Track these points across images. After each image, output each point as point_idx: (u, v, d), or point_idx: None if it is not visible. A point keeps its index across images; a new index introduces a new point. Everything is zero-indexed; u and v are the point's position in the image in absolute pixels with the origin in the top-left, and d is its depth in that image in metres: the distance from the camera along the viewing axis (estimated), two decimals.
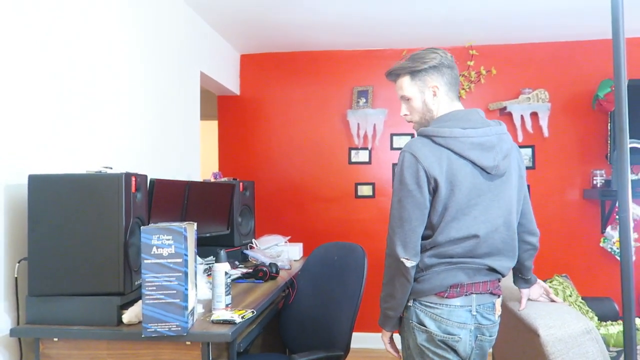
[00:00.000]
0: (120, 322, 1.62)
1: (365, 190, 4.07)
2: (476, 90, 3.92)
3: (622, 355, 1.76)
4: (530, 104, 3.77)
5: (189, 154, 3.18)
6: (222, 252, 1.82)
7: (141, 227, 1.51)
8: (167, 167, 2.82)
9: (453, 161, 1.55)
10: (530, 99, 3.79)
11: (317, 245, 2.62)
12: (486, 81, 3.90)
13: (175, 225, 1.53)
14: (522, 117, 3.79)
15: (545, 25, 3.50)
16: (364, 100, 3.96)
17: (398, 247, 1.56)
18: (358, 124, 3.95)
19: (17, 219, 1.71)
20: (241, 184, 3.02)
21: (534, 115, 3.80)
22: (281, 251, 2.92)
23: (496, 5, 3.11)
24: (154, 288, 1.51)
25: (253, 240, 3.04)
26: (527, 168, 3.86)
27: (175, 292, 1.51)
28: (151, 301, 1.50)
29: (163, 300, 1.51)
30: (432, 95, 1.67)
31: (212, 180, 3.04)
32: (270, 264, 2.42)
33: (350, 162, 4.08)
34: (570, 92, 3.83)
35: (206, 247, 2.71)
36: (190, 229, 1.62)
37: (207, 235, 2.65)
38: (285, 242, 3.03)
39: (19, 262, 1.68)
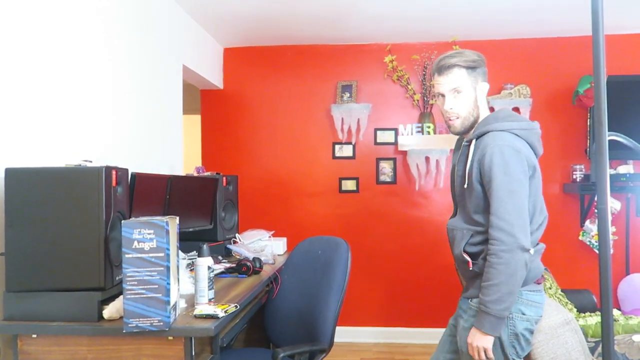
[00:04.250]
0: (101, 317, 1.60)
1: (349, 184, 4.07)
2: None
3: (600, 346, 1.79)
4: (512, 99, 3.81)
5: (172, 148, 3.15)
6: (205, 247, 1.80)
7: (122, 221, 1.49)
8: (149, 161, 2.79)
9: (530, 151, 1.68)
10: (512, 94, 3.82)
11: (301, 240, 2.61)
12: None
13: (157, 219, 1.51)
14: None
15: (528, 22, 3.53)
16: (348, 95, 3.95)
17: (522, 238, 1.57)
18: (342, 119, 3.95)
19: None
20: (224, 178, 2.99)
21: (516, 110, 3.83)
22: (265, 246, 2.91)
23: (480, 1, 3.12)
24: (135, 282, 1.49)
25: (236, 235, 3.02)
26: None
27: (157, 286, 1.49)
28: (132, 296, 1.49)
29: (144, 295, 1.49)
30: (482, 94, 1.78)
31: (195, 174, 3.01)
32: (253, 258, 2.41)
33: (334, 157, 4.08)
34: (551, 88, 3.87)
35: (189, 242, 2.68)
36: (173, 223, 1.61)
37: (190, 229, 2.63)
38: (269, 236, 3.02)
39: None
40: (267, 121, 4.12)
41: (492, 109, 2.15)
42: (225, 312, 1.65)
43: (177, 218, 1.67)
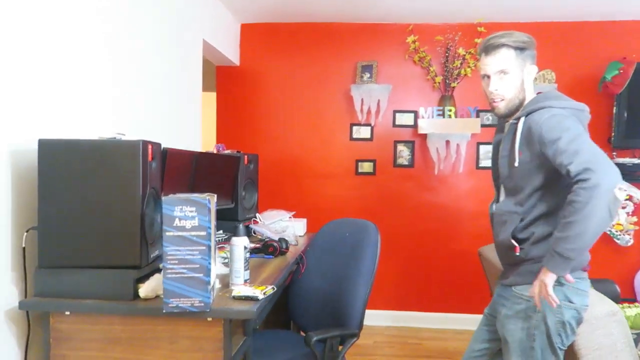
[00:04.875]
0: (136, 296, 1.54)
1: (366, 167, 4.01)
2: None
3: None
4: (537, 84, 3.72)
5: (191, 124, 3.07)
6: (241, 226, 1.75)
7: (163, 198, 1.42)
8: (169, 137, 2.72)
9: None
10: (537, 79, 3.74)
11: (317, 221, 2.56)
12: None
13: (198, 196, 1.45)
14: None
15: (554, 5, 3.43)
16: (368, 75, 3.86)
17: (609, 173, 1.42)
18: (362, 99, 3.86)
19: (25, 187, 1.61)
20: (246, 157, 2.92)
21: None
22: (286, 226, 2.85)
23: None
24: (176, 262, 1.43)
25: (257, 214, 2.96)
26: None
27: (198, 266, 1.44)
28: (173, 275, 1.43)
29: (185, 275, 1.43)
30: (530, 77, 1.71)
31: (215, 152, 2.94)
32: (279, 239, 2.36)
33: (351, 139, 4.01)
34: (577, 74, 3.79)
35: None
36: (212, 201, 1.54)
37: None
38: (290, 217, 2.96)
39: (27, 232, 1.58)
40: (283, 100, 4.03)
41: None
42: (264, 293, 1.60)
43: (215, 196, 1.61)
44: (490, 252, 2.76)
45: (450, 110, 3.76)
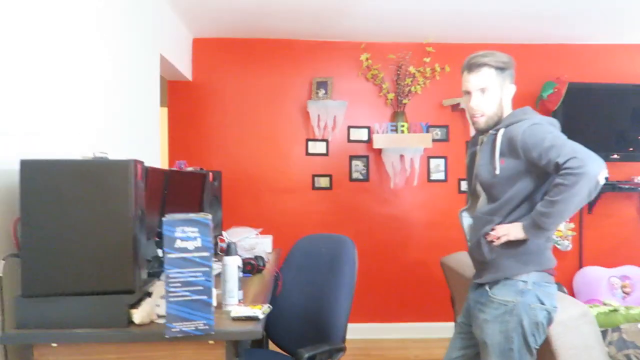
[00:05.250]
0: (130, 322, 1.47)
1: (322, 182, 4.05)
2: (431, 86, 4.04)
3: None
4: None
5: (150, 140, 2.97)
6: (233, 245, 1.72)
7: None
8: (128, 153, 2.61)
9: None
10: None
11: (277, 237, 2.59)
12: (440, 78, 4.03)
13: (199, 216, 1.42)
14: None
15: (497, 27, 3.68)
16: (324, 92, 3.93)
17: (590, 165, 1.55)
18: (318, 115, 3.92)
19: (2, 210, 1.49)
20: (211, 174, 2.87)
21: None
22: (255, 243, 2.82)
23: (453, 4, 3.21)
24: (179, 284, 1.38)
25: (222, 232, 2.91)
26: None
27: (202, 288, 1.40)
28: (175, 299, 1.38)
29: (188, 298, 1.39)
30: (508, 95, 1.83)
31: (177, 170, 2.86)
32: (256, 256, 2.34)
33: (307, 154, 4.04)
34: (517, 92, 4.04)
35: None
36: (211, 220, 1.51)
37: None
38: (257, 234, 2.93)
39: (3, 260, 1.46)
40: (239, 115, 4.00)
41: None
42: (263, 312, 1.58)
43: (210, 215, 1.57)
44: (452, 261, 2.88)
45: (402, 126, 3.90)
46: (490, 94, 1.80)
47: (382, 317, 4.04)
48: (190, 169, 2.93)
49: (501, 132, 1.76)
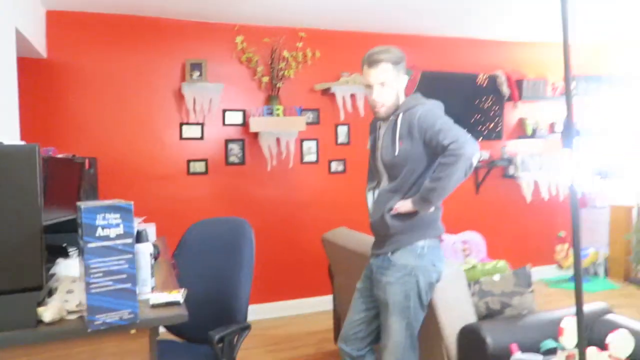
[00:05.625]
0: (39, 322, 1.36)
1: (197, 167, 3.98)
2: (303, 70, 4.20)
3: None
4: (349, 85, 4.23)
5: (7, 124, 2.65)
6: (145, 232, 1.67)
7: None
8: None
9: None
10: (349, 82, 4.24)
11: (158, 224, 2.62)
12: (312, 63, 4.21)
13: (120, 201, 1.36)
14: (343, 98, 4.24)
15: (360, 18, 3.96)
16: (198, 74, 3.84)
17: (468, 149, 1.84)
18: (194, 98, 3.83)
19: None
20: (87, 160, 2.67)
21: (353, 96, 4.28)
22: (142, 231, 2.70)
23: None
24: (101, 274, 1.32)
25: None
26: (343, 144, 4.36)
27: (125, 276, 1.35)
28: (98, 289, 1.32)
29: (112, 287, 1.34)
30: (402, 85, 2.03)
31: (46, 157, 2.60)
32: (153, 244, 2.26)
33: (181, 138, 3.93)
34: None
35: (52, 234, 2.34)
36: None
37: (63, 219, 2.29)
38: (140, 222, 2.81)
39: None
40: (104, 97, 3.73)
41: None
42: (182, 296, 1.57)
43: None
44: (333, 236, 3.10)
45: (278, 109, 4.00)
46: (388, 87, 2.00)
47: (260, 298, 4.15)
48: (60, 156, 2.68)
49: (400, 117, 1.99)
